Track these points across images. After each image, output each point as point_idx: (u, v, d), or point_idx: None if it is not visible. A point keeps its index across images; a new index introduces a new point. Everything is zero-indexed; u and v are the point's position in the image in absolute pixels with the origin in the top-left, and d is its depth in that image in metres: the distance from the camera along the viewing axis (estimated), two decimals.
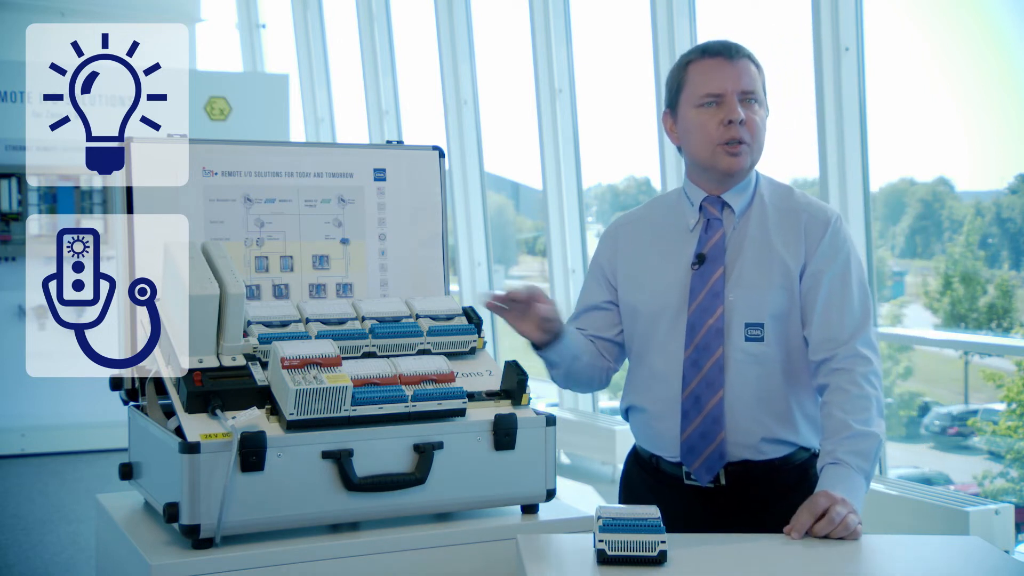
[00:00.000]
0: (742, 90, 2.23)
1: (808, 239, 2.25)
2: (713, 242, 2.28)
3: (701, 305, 2.24)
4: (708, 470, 2.23)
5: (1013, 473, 7.27)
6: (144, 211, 2.11)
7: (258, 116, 7.88)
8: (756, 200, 2.31)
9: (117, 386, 2.15)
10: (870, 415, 2.15)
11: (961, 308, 7.42)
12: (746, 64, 2.25)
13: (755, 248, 2.26)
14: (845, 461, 2.10)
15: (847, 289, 2.24)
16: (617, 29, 7.87)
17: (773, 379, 2.23)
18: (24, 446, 7.18)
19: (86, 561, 5.07)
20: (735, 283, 2.24)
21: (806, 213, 2.27)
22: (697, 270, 2.26)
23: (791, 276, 2.23)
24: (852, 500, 2.01)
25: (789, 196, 2.32)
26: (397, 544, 1.92)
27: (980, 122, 6.72)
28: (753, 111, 2.25)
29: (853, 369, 2.18)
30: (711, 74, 2.24)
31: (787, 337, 2.24)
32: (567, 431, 6.68)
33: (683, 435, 2.24)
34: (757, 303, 2.23)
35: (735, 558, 1.86)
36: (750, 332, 2.23)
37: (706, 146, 2.25)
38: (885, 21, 5.75)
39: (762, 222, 2.28)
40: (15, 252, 7.05)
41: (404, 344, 2.12)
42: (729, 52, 2.26)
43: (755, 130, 2.25)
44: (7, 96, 7.13)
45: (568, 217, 7.28)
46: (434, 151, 2.41)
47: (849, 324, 2.21)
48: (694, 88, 2.26)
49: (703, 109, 2.25)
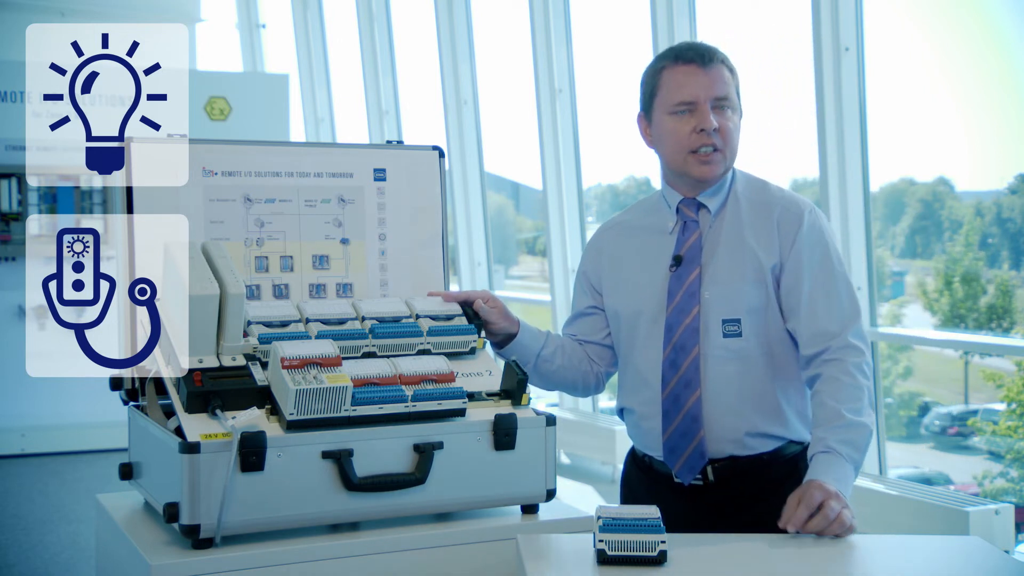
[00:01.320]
0: (715, 97, 2.24)
1: (782, 233, 2.26)
2: (690, 243, 2.30)
3: (678, 306, 2.27)
4: (690, 469, 2.25)
5: (1013, 473, 7.27)
6: (144, 211, 2.11)
7: (258, 116, 7.88)
8: (731, 198, 2.32)
9: (117, 386, 2.15)
10: (862, 405, 2.16)
11: (961, 308, 7.42)
12: (719, 71, 2.26)
13: (728, 245, 2.28)
14: (836, 450, 2.10)
15: (831, 281, 2.25)
16: (617, 29, 7.87)
17: (755, 373, 2.25)
18: (24, 446, 7.18)
19: (86, 561, 5.06)
20: (710, 281, 2.27)
21: (779, 206, 2.29)
22: (675, 272, 2.29)
23: (763, 270, 2.25)
24: (844, 491, 2.02)
25: (763, 190, 2.33)
26: (397, 544, 1.92)
27: (980, 122, 6.71)
28: (726, 117, 2.26)
29: (845, 359, 2.19)
30: (684, 82, 2.25)
31: (766, 331, 2.26)
32: (567, 431, 6.68)
33: (664, 435, 2.27)
34: (732, 299, 2.25)
35: (735, 558, 1.86)
36: (727, 328, 2.25)
37: (679, 153, 2.28)
38: (885, 21, 5.75)
39: (736, 219, 2.30)
40: (15, 252, 7.05)
41: (404, 344, 2.12)
42: (702, 59, 2.26)
43: (728, 136, 2.26)
44: (7, 96, 7.13)
45: (568, 217, 7.28)
46: (434, 151, 2.41)
47: (838, 316, 2.22)
48: (667, 95, 2.27)
49: (676, 116, 2.26)
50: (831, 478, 2.04)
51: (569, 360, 2.41)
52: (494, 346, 2.33)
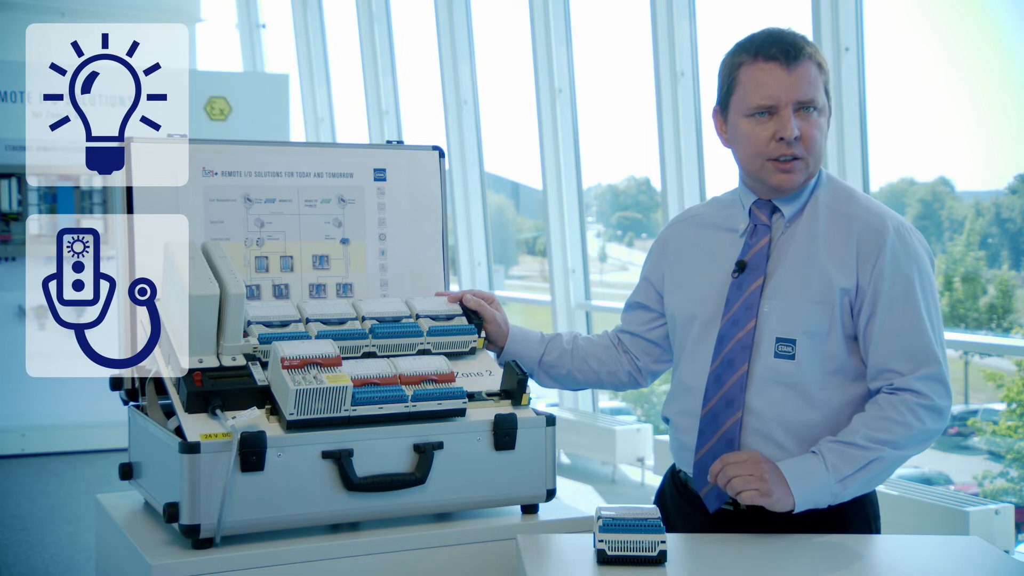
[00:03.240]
0: (798, 100, 2.02)
1: (861, 254, 2.03)
2: (756, 249, 2.10)
3: (733, 317, 2.07)
4: (717, 497, 2.08)
5: (1013, 473, 7.27)
6: (144, 211, 2.11)
7: (258, 116, 7.88)
8: (810, 204, 2.10)
9: (117, 386, 2.15)
10: (891, 438, 1.97)
11: (961, 308, 7.42)
12: (805, 69, 2.02)
13: (798, 257, 2.07)
14: (821, 452, 1.97)
15: (910, 318, 2.02)
16: (617, 29, 7.87)
17: (801, 403, 2.04)
18: (24, 446, 7.18)
19: (86, 561, 5.06)
20: (771, 294, 2.06)
21: (860, 221, 2.05)
22: (736, 279, 2.09)
23: (831, 291, 2.03)
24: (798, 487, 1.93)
25: (848, 200, 2.10)
26: (397, 544, 1.92)
27: (980, 122, 6.71)
28: (810, 122, 2.03)
29: (904, 395, 2.00)
30: (764, 82, 2.03)
31: (822, 360, 2.03)
32: (567, 431, 6.68)
33: (697, 455, 2.10)
34: (790, 317, 2.04)
35: (735, 558, 1.86)
36: (780, 348, 2.03)
37: (755, 159, 2.07)
38: (885, 21, 5.75)
39: (812, 228, 2.08)
40: (15, 252, 7.05)
41: (404, 344, 2.12)
42: (787, 56, 2.02)
43: (811, 144, 2.04)
44: (7, 96, 7.13)
45: (568, 217, 7.28)
46: (434, 151, 2.41)
47: (909, 357, 2.01)
48: (745, 96, 2.05)
49: (754, 120, 2.05)
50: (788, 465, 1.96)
51: (584, 363, 2.31)
52: (495, 355, 2.28)
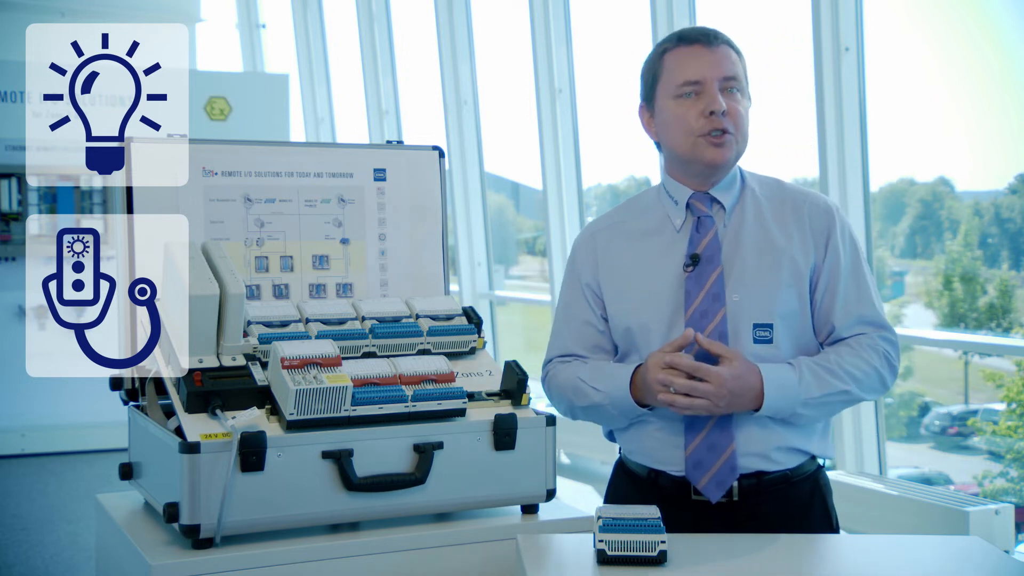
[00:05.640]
0: (723, 76, 2.12)
1: (815, 232, 2.16)
2: (707, 241, 2.15)
3: (700, 308, 2.11)
4: (719, 485, 2.10)
5: (1013, 473, 7.27)
6: (144, 211, 2.11)
7: (258, 116, 7.88)
8: (746, 193, 2.20)
9: (117, 386, 2.15)
10: (862, 377, 2.09)
11: (961, 308, 7.42)
12: (726, 50, 2.14)
13: (755, 244, 2.15)
14: (798, 367, 2.07)
15: (861, 283, 2.17)
16: (617, 29, 7.87)
17: None
18: (24, 446, 7.19)
19: (86, 561, 5.07)
20: (738, 283, 2.12)
21: (806, 203, 2.18)
22: (692, 272, 2.13)
23: (800, 273, 2.14)
24: (767, 378, 2.02)
25: (781, 188, 2.22)
26: (397, 544, 1.93)
27: (980, 122, 6.71)
28: (735, 100, 2.13)
29: (876, 341, 2.13)
30: (689, 61, 2.12)
31: (796, 337, 2.14)
32: (567, 431, 6.63)
33: (688, 449, 2.11)
34: (765, 303, 2.11)
35: (735, 558, 1.86)
36: (758, 334, 2.11)
37: (686, 138, 2.13)
38: (885, 21, 5.75)
39: (758, 216, 2.17)
40: (15, 252, 7.06)
41: (404, 344, 2.12)
42: (707, 38, 2.14)
43: (738, 119, 2.13)
44: (7, 96, 7.13)
45: (568, 217, 7.28)
46: (434, 151, 2.41)
47: (868, 320, 2.15)
48: (671, 77, 2.14)
49: (682, 100, 2.13)
50: (769, 371, 2.04)
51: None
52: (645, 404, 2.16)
